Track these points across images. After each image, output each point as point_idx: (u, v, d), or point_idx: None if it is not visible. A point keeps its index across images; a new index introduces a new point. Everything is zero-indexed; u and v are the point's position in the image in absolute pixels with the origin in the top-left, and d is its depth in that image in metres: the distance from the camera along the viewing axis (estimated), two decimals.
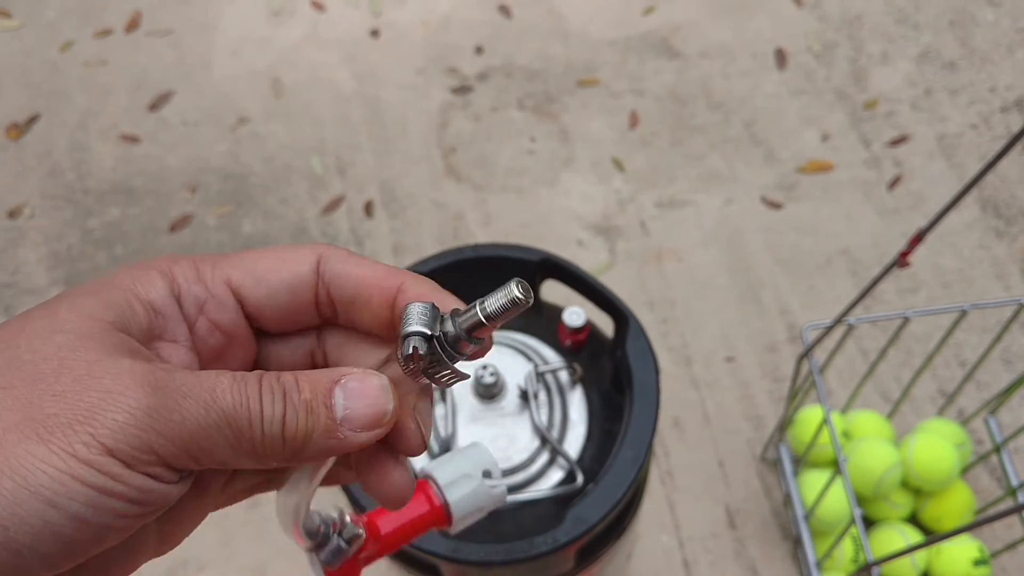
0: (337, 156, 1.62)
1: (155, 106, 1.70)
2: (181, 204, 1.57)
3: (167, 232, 1.54)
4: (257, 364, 0.29)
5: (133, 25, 1.82)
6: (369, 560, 0.42)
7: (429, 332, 0.25)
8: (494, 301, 0.25)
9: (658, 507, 1.25)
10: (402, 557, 0.64)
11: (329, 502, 0.42)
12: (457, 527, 0.45)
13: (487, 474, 0.44)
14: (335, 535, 0.35)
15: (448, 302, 0.27)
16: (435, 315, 0.25)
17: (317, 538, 0.34)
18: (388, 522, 0.44)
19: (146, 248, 1.52)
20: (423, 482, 0.45)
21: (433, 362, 0.25)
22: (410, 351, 0.25)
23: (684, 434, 1.30)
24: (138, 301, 0.26)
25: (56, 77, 1.75)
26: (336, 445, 0.25)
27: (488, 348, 0.27)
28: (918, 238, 0.79)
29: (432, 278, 0.69)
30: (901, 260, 0.81)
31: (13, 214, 1.58)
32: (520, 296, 0.25)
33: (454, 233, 1.51)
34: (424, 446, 0.28)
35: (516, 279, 0.25)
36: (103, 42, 1.80)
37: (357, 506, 0.61)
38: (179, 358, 0.27)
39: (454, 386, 0.62)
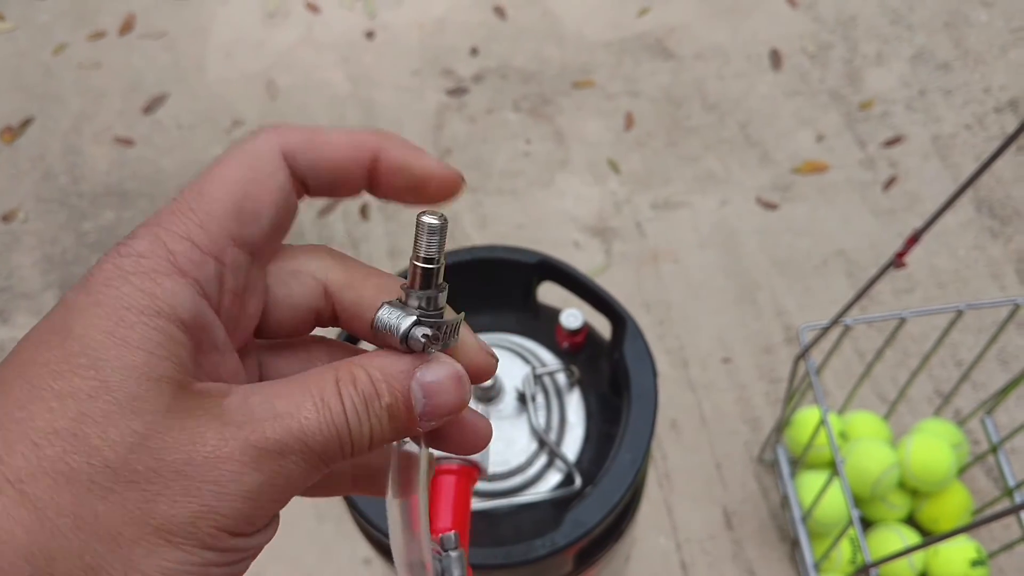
0: None
1: (149, 109, 1.70)
2: None
3: None
4: (270, 312, 0.28)
5: (127, 28, 1.81)
6: (466, 550, 0.43)
7: (414, 317, 0.25)
8: (419, 243, 0.25)
9: (655, 509, 1.25)
10: None
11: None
12: (487, 467, 0.48)
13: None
14: (444, 555, 0.35)
15: (422, 156, 0.27)
16: (401, 305, 0.26)
17: (440, 571, 0.33)
18: (444, 513, 0.45)
19: None
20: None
21: (437, 334, 0.25)
22: (422, 342, 0.25)
23: (681, 436, 1.30)
24: (178, 329, 0.23)
25: (50, 80, 1.75)
26: (413, 435, 0.26)
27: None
28: (914, 239, 0.79)
29: None
30: (897, 261, 0.81)
31: (7, 218, 1.58)
32: (433, 221, 0.24)
33: (450, 235, 1.50)
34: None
35: (420, 211, 0.25)
36: (97, 45, 1.79)
37: (362, 516, 0.60)
38: (228, 368, 0.26)
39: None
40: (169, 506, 0.22)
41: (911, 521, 1.17)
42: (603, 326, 0.73)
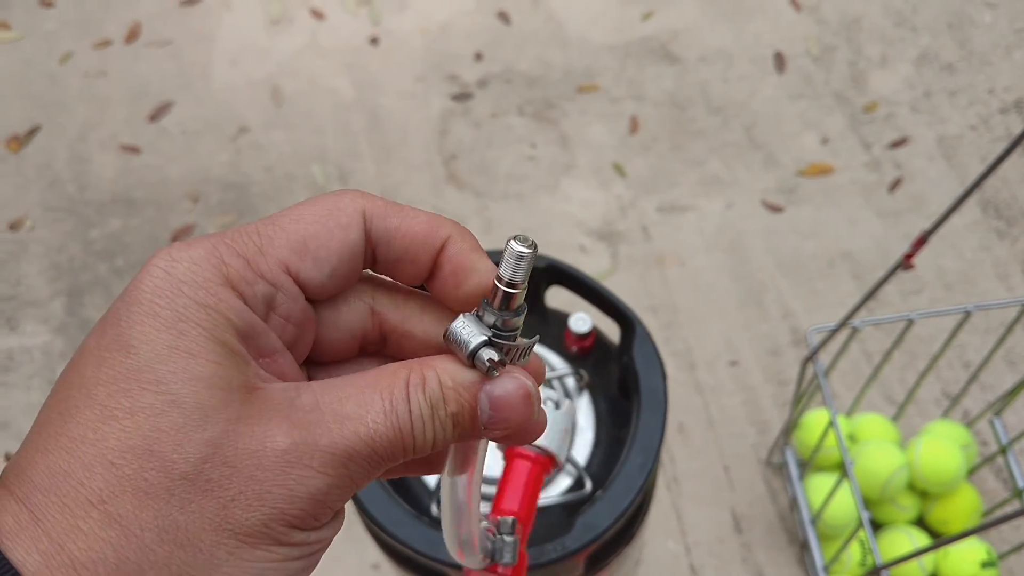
0: (338, 164, 1.62)
1: (155, 116, 1.70)
2: (182, 214, 1.57)
3: (169, 242, 1.54)
4: (318, 336, 0.28)
5: (132, 36, 1.82)
6: (524, 539, 0.43)
7: (485, 337, 0.25)
8: (505, 267, 0.25)
9: (664, 513, 1.25)
10: (410, 565, 0.63)
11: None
12: (562, 460, 0.48)
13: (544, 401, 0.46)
14: (498, 538, 0.35)
15: (485, 264, 0.27)
16: (476, 320, 0.26)
17: (491, 551, 0.34)
18: (513, 497, 0.45)
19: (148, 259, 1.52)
20: (510, 449, 0.47)
21: (507, 354, 0.26)
22: (487, 365, 0.25)
23: (689, 440, 1.30)
24: (234, 338, 0.24)
25: (56, 88, 1.75)
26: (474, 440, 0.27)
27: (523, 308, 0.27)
28: (922, 240, 0.79)
29: None
30: (905, 262, 0.81)
31: (14, 226, 1.58)
32: (523, 249, 0.25)
33: None
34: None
35: (512, 236, 0.25)
36: (102, 53, 1.80)
37: (372, 520, 0.60)
38: (285, 369, 0.26)
39: None
40: (243, 511, 0.23)
41: (920, 522, 1.17)
42: (611, 329, 0.73)
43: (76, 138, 1.68)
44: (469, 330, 0.25)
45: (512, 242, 0.25)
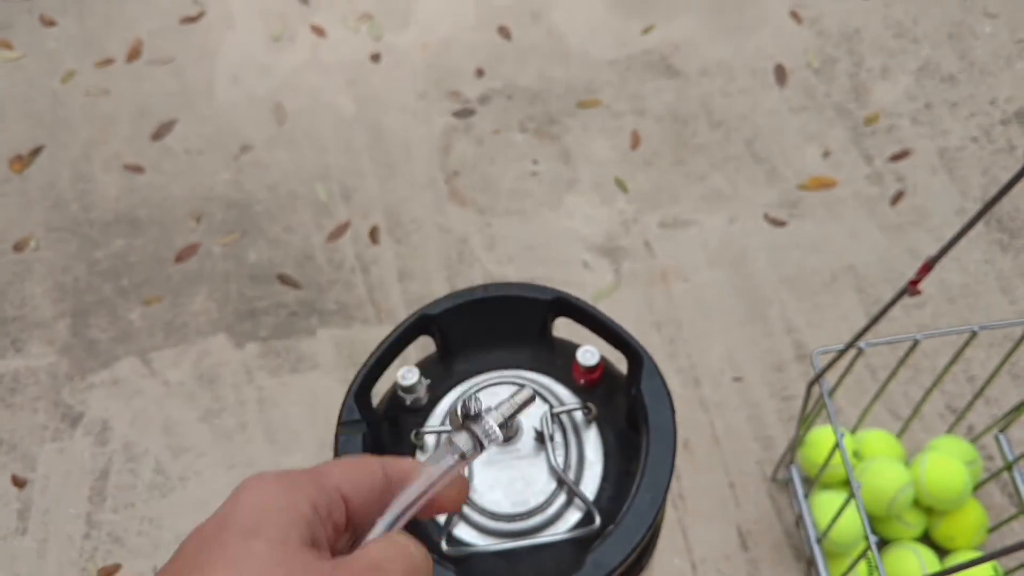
0: (341, 182, 1.62)
1: (158, 135, 1.71)
2: (186, 233, 1.57)
3: (173, 262, 1.54)
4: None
5: (134, 54, 1.82)
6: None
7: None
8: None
9: (670, 530, 1.25)
10: None
11: None
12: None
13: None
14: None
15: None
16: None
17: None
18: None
19: (153, 278, 1.53)
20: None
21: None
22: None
23: (694, 456, 1.30)
24: (311, 534, 0.34)
25: (58, 108, 1.76)
26: None
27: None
28: (928, 266, 0.79)
29: (444, 319, 0.69)
30: (911, 288, 0.81)
31: (18, 247, 1.59)
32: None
33: (459, 257, 1.51)
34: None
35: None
36: (105, 71, 1.80)
37: None
38: (345, 544, 0.38)
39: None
40: None
41: (926, 538, 1.17)
42: (617, 357, 0.74)
43: (79, 158, 1.69)
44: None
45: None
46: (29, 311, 1.52)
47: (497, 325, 0.73)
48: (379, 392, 0.73)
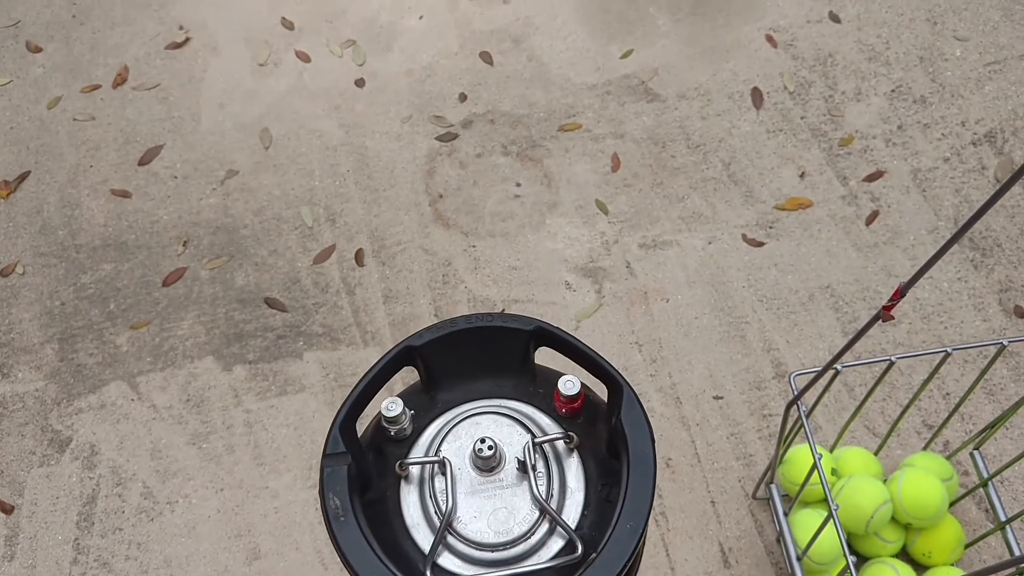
0: (327, 206, 1.64)
1: (144, 160, 1.72)
2: (173, 258, 1.59)
3: (160, 286, 1.56)
4: None
5: (120, 80, 1.84)
6: None
7: None
8: None
9: (653, 548, 1.27)
10: None
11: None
12: None
13: None
14: None
15: None
16: None
17: None
18: None
19: (140, 303, 1.54)
20: None
21: None
22: None
23: (676, 474, 1.33)
24: None
25: (45, 134, 1.77)
26: None
27: None
28: (900, 292, 0.82)
29: (427, 350, 0.71)
30: (884, 314, 0.84)
31: (5, 272, 1.59)
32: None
33: (443, 279, 1.53)
34: None
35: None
36: (91, 97, 1.82)
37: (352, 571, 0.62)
38: None
39: (454, 460, 0.65)
40: None
41: (904, 554, 1.19)
42: (598, 384, 0.76)
43: (66, 183, 1.70)
44: None
45: None
46: (16, 336, 1.52)
47: (480, 355, 0.75)
48: (366, 416, 0.75)
